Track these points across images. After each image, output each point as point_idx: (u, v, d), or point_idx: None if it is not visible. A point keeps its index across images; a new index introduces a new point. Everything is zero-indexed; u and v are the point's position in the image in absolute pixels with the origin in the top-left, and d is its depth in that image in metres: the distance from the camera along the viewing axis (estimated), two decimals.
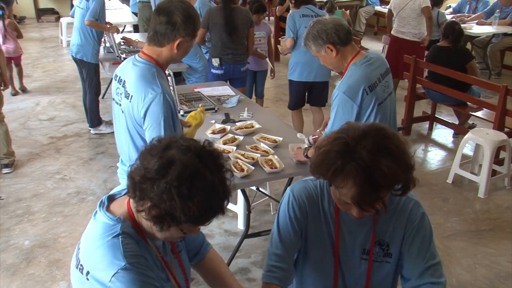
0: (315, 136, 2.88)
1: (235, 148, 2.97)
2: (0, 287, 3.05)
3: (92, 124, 5.24)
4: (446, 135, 5.48)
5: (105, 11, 4.99)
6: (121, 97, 2.26)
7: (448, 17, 7.07)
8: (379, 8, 9.47)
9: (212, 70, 4.75)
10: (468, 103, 4.98)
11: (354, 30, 8.84)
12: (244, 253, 3.37)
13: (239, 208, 3.65)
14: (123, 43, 5.29)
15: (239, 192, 3.38)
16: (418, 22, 5.99)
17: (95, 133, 5.24)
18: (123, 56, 5.05)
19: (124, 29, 8.56)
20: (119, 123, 2.32)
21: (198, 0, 5.16)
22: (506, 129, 4.43)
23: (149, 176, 1.23)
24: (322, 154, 1.40)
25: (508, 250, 3.50)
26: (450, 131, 5.47)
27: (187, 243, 1.65)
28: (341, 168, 1.35)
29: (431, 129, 5.57)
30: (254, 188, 3.55)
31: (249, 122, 3.33)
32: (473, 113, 5.03)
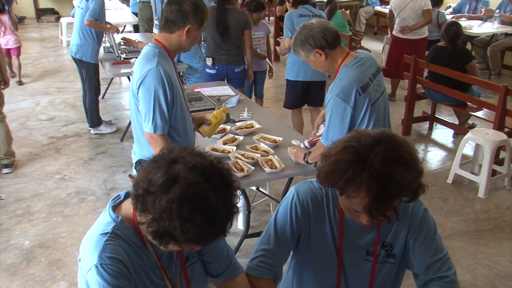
0: (309, 139, 2.88)
1: (235, 148, 2.98)
2: (0, 287, 3.05)
3: (92, 124, 5.24)
4: (446, 135, 5.48)
5: (105, 11, 4.99)
6: (132, 77, 2.48)
7: (448, 17, 7.07)
8: (379, 8, 9.47)
9: (206, 70, 4.75)
10: (468, 103, 4.97)
11: (354, 30, 8.83)
12: (244, 253, 3.37)
13: (239, 208, 3.65)
14: (123, 43, 5.29)
15: (239, 192, 3.38)
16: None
17: (95, 133, 5.24)
18: (123, 56, 5.07)
19: (124, 29, 8.56)
20: (130, 104, 2.51)
21: None
22: (506, 129, 4.42)
23: (151, 190, 1.21)
24: (332, 163, 1.37)
25: (508, 250, 3.50)
26: (450, 131, 5.47)
27: (210, 256, 1.58)
28: (353, 177, 1.32)
29: (431, 129, 5.57)
30: (254, 188, 3.55)
31: (249, 122, 3.34)
32: (473, 113, 5.03)
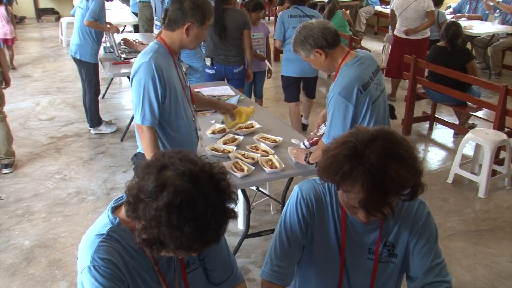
0: (310, 139, 2.88)
1: (235, 148, 2.98)
2: (0, 287, 3.05)
3: (92, 124, 5.24)
4: (446, 135, 5.48)
5: (105, 11, 4.99)
6: None
7: (448, 17, 7.07)
8: (379, 8, 9.48)
9: (205, 70, 4.77)
10: (468, 103, 4.97)
11: (354, 30, 8.82)
12: (244, 253, 3.37)
13: (239, 208, 3.65)
14: (123, 43, 5.29)
15: (239, 192, 3.38)
16: (421, 24, 6.01)
17: (95, 133, 5.24)
18: (123, 56, 5.07)
19: (124, 29, 8.57)
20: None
21: None
22: (506, 129, 4.42)
23: (141, 197, 1.21)
24: (330, 157, 1.39)
25: (508, 250, 3.50)
26: (450, 131, 5.47)
27: (212, 264, 1.58)
28: (349, 172, 1.33)
29: (431, 129, 5.57)
30: (254, 188, 3.55)
31: (249, 122, 3.33)
32: (473, 113, 5.03)
